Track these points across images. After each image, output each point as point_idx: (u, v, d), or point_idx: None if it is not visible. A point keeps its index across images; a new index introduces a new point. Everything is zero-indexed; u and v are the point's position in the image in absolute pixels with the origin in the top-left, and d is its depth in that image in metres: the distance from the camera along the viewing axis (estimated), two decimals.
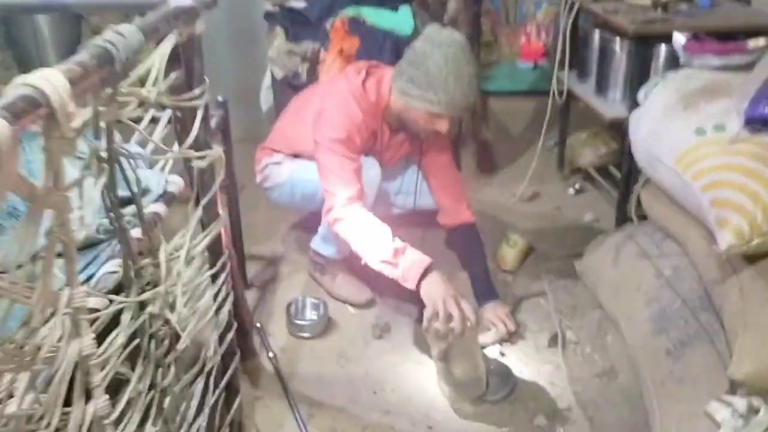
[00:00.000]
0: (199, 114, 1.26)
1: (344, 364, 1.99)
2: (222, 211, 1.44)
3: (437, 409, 1.82)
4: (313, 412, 1.80)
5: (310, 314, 2.15)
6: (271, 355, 1.97)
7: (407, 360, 1.99)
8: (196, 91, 1.24)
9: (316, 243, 2.25)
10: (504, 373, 1.87)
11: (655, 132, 1.78)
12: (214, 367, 1.42)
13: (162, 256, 1.11)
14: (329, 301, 2.20)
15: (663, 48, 2.19)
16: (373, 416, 1.80)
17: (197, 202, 1.33)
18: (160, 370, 1.15)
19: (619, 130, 2.89)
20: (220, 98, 1.98)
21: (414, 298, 1.91)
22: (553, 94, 2.71)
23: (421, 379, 1.92)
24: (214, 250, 1.41)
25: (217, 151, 1.32)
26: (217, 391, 1.41)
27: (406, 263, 1.76)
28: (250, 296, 2.26)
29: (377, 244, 1.79)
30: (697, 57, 1.80)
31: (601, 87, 2.55)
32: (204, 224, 1.36)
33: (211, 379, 1.40)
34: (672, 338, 1.70)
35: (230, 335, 1.47)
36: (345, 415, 1.80)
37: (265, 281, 2.37)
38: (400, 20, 2.71)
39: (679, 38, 1.83)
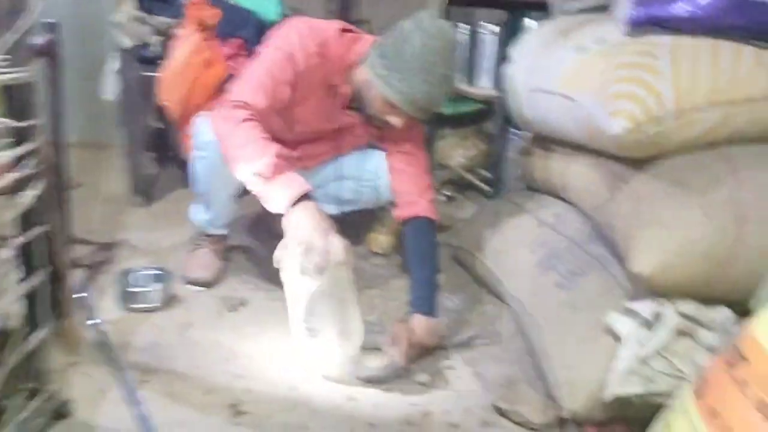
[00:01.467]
0: None
1: (190, 334, 1.65)
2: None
3: (302, 373, 1.53)
4: (147, 378, 1.44)
5: (149, 284, 1.79)
6: (94, 321, 1.60)
7: (268, 332, 1.69)
8: None
9: (193, 210, 1.98)
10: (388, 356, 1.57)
11: (533, 67, 1.70)
12: None
13: None
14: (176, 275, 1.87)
15: (531, 22, 2.19)
16: (222, 379, 1.47)
17: None
18: None
19: (486, 134, 2.89)
20: (51, 20, 1.69)
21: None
22: None
23: (284, 348, 1.62)
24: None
25: None
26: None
27: (280, 182, 1.46)
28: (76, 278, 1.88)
29: (258, 153, 1.48)
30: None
31: (471, 76, 2.51)
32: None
33: None
34: (561, 272, 1.55)
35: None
36: (187, 379, 1.46)
37: (96, 262, 1.99)
38: (265, 5, 2.56)
39: None
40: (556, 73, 1.58)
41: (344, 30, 1.75)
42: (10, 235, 1.17)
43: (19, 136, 1.15)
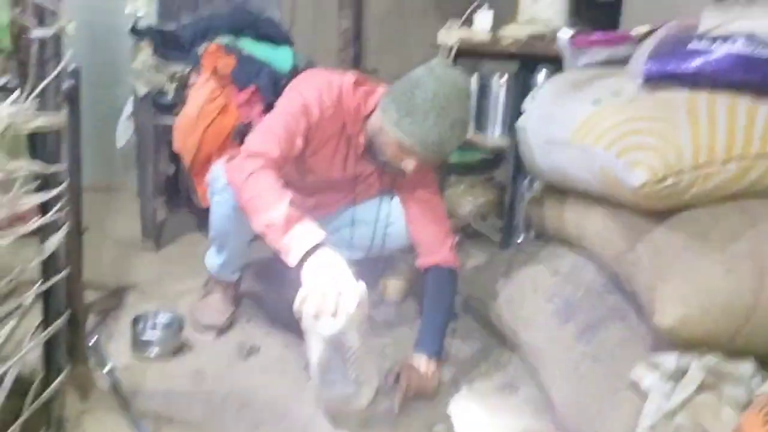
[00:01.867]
0: None
1: (202, 383, 1.63)
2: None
3: (319, 422, 1.51)
4: (160, 426, 1.42)
5: (161, 331, 1.78)
6: (107, 368, 1.58)
7: (282, 380, 1.67)
8: None
9: (208, 255, 1.98)
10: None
11: (547, 117, 1.73)
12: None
13: None
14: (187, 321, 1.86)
15: (543, 73, 2.23)
16: (238, 430, 1.45)
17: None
18: None
19: (495, 182, 2.92)
20: (73, 66, 1.72)
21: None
22: None
23: (299, 396, 1.60)
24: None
25: None
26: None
27: (295, 233, 1.46)
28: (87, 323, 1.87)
29: (271, 204, 1.48)
30: (583, 53, 1.80)
31: (481, 125, 2.55)
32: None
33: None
34: (580, 323, 1.54)
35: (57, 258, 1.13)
36: (201, 429, 1.44)
37: (106, 307, 1.98)
38: (279, 56, 2.61)
39: (565, 34, 1.85)
40: (570, 125, 1.60)
41: (358, 82, 1.78)
42: (32, 281, 1.17)
43: (44, 181, 1.16)
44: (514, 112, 2.31)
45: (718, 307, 1.24)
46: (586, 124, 1.55)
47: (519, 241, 2.35)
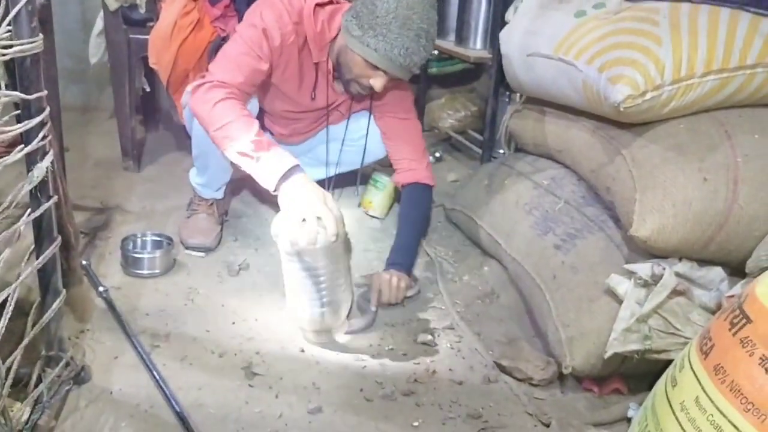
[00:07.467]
0: None
1: (195, 298, 1.68)
2: None
3: (309, 335, 1.57)
4: (158, 343, 1.47)
5: (151, 250, 1.81)
6: (101, 289, 1.61)
7: (271, 293, 1.72)
8: None
9: (191, 173, 1.99)
10: (364, 305, 1.68)
11: (530, 31, 1.71)
12: None
13: None
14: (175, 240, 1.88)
15: None
16: (232, 342, 1.51)
17: None
18: None
19: (476, 94, 2.90)
20: None
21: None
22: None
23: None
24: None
25: None
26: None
27: (267, 159, 1.48)
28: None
29: (239, 133, 1.50)
30: None
31: (462, 38, 2.51)
32: None
33: None
34: (559, 234, 1.59)
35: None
36: (198, 343, 1.49)
37: (94, 227, 1.99)
38: None
39: None
40: (554, 38, 1.60)
41: (320, 4, 1.74)
42: (24, 208, 1.17)
43: (26, 108, 1.14)
44: (495, 22, 2.28)
45: (693, 216, 1.29)
46: (568, 37, 1.55)
47: (501, 153, 2.37)
